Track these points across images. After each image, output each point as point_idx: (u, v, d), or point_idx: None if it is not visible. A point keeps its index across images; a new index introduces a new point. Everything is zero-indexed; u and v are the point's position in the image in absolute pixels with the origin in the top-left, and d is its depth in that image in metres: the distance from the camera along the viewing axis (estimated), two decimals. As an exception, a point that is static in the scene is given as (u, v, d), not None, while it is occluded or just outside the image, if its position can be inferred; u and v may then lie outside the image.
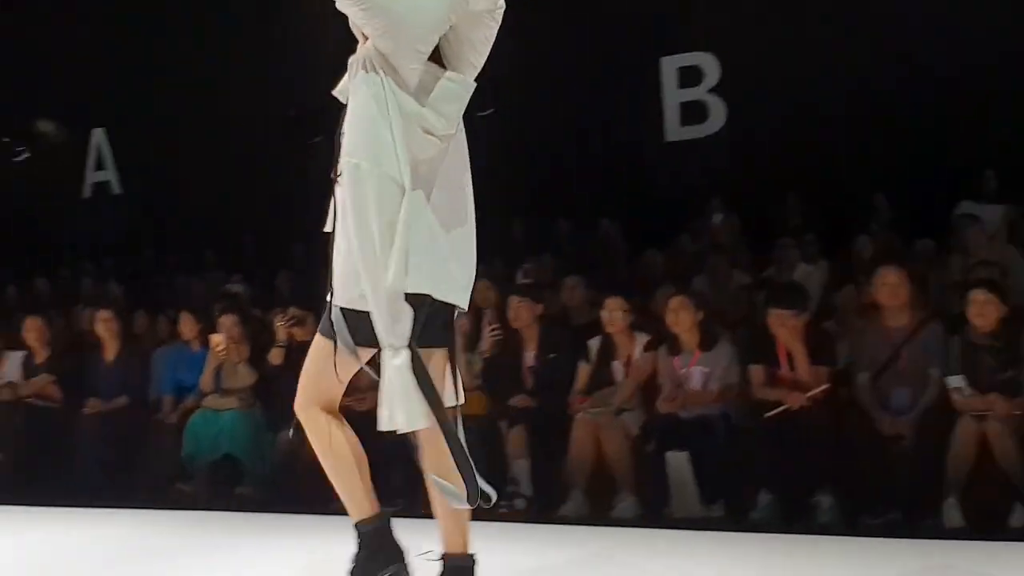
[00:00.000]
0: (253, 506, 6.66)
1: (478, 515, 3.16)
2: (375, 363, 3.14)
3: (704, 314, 6.38)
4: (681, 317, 6.32)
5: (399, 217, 3.05)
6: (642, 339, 6.56)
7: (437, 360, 3.19)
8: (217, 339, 7.34)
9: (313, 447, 3.31)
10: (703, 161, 10.39)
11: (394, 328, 3.05)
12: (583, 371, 6.63)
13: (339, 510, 3.40)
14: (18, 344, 8.10)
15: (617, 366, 6.57)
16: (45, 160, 13.69)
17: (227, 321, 7.39)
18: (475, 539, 3.21)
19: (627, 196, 10.24)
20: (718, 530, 5.62)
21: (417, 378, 3.04)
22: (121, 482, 7.33)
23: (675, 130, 10.62)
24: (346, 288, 3.15)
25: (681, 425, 6.13)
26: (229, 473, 7.15)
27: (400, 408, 3.04)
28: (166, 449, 7.37)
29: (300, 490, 6.35)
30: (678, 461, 6.08)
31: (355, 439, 3.30)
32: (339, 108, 3.25)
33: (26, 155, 13.88)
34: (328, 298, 3.22)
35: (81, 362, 8.02)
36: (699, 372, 6.28)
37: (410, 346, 3.05)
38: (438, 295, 3.11)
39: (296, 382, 3.33)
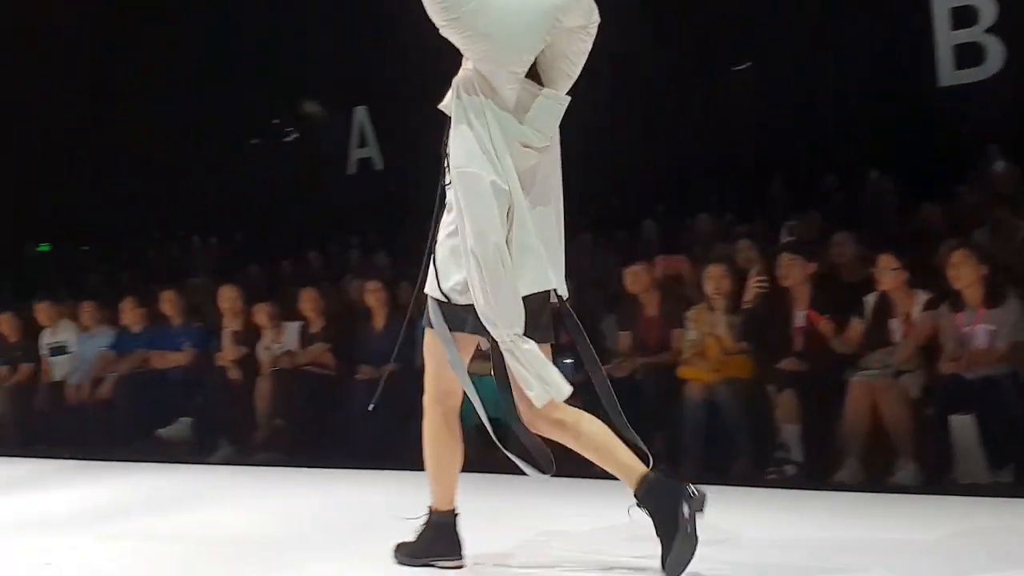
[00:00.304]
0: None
1: (744, 482, 3.08)
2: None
3: (989, 268, 5.94)
4: (963, 272, 5.90)
5: (510, 221, 3.38)
6: (922, 297, 6.16)
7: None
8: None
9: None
10: (980, 106, 9.66)
11: (515, 320, 3.37)
12: (855, 328, 6.30)
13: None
14: (295, 315, 8.45)
15: (895, 325, 6.20)
16: (312, 139, 14.33)
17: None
18: (742, 506, 3.11)
19: (898, 147, 9.65)
20: (1007, 497, 5.24)
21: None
22: (391, 445, 7.56)
23: (949, 74, 9.93)
24: (443, 279, 3.48)
25: (966, 386, 5.73)
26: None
27: (545, 382, 3.38)
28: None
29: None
30: (962, 424, 5.69)
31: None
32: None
33: (295, 135, 14.57)
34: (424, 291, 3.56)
35: (353, 331, 8.29)
36: (984, 330, 5.85)
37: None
38: (540, 288, 3.45)
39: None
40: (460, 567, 3.70)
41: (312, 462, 7.35)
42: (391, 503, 4.83)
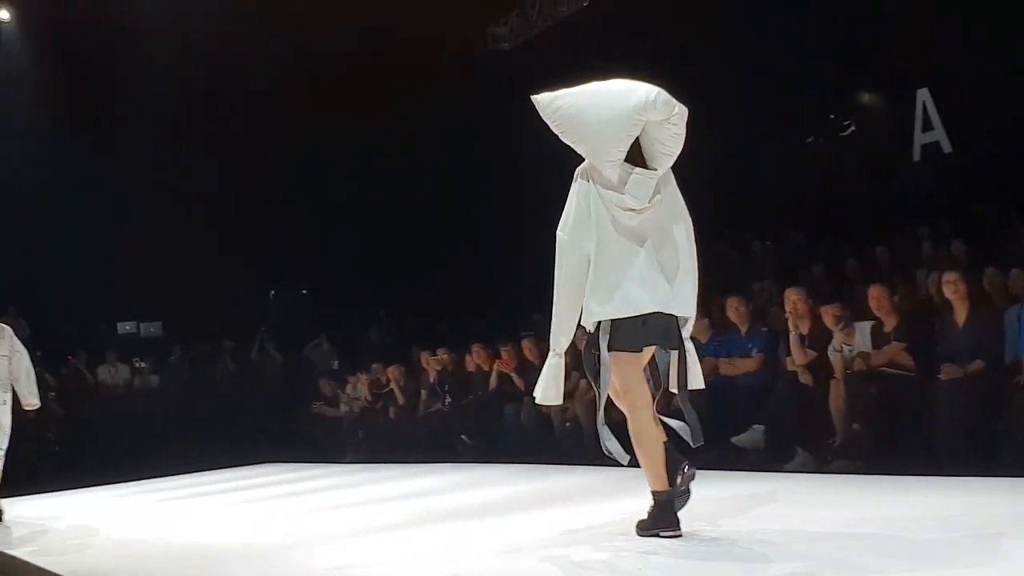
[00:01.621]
0: None
1: None
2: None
3: None
4: None
5: (577, 277, 4.77)
6: None
7: (645, 354, 4.90)
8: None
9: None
10: None
11: (558, 340, 4.93)
12: None
13: None
14: (865, 314, 8.04)
15: None
16: (870, 131, 13.72)
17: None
18: None
19: None
20: None
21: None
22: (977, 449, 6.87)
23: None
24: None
25: None
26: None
27: (541, 388, 5.06)
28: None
29: None
30: None
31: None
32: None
33: (852, 128, 14.04)
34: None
35: (931, 327, 7.70)
36: None
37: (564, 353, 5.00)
38: (627, 314, 4.71)
39: None
40: (679, 535, 4.76)
41: (891, 469, 6.85)
42: (971, 513, 4.30)
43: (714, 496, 6.41)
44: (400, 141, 16.23)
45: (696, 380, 5.08)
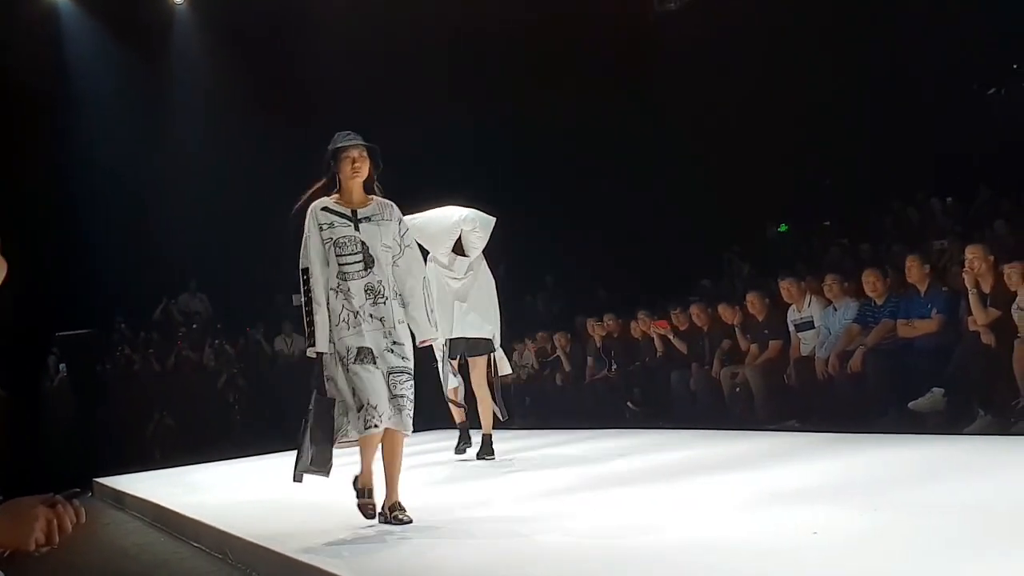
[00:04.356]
0: None
1: None
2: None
3: None
4: None
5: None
6: None
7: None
8: None
9: None
10: None
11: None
12: None
13: None
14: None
15: None
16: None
17: None
18: None
19: None
20: None
21: None
22: None
23: None
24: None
25: None
26: None
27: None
28: None
29: None
30: None
31: None
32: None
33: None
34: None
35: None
36: None
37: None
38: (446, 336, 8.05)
39: None
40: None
41: None
42: None
43: (892, 459, 6.24)
44: (566, 109, 16.13)
45: (504, 369, 8.70)
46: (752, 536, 4.41)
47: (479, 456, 8.51)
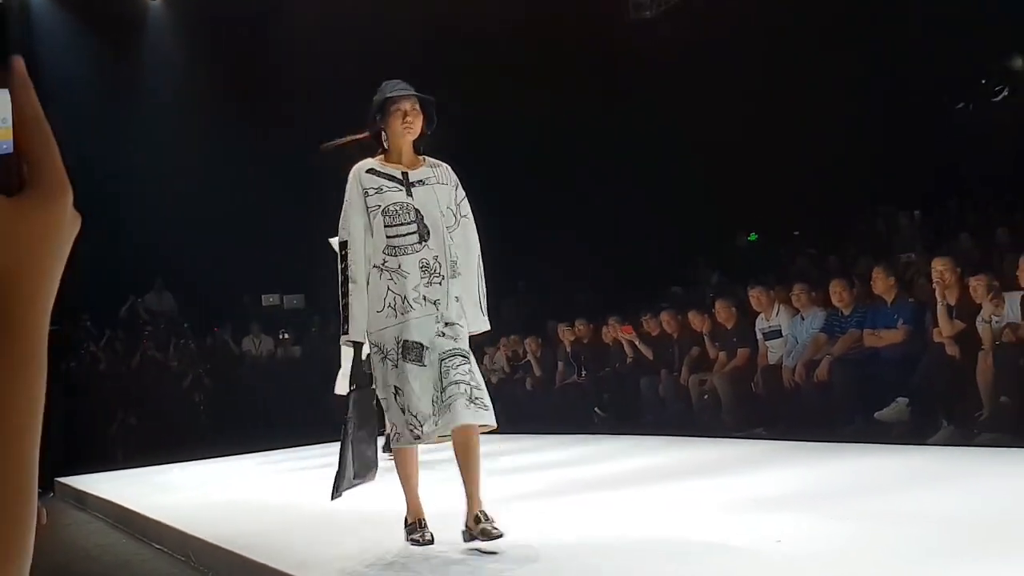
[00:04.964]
0: None
1: None
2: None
3: None
4: None
5: None
6: None
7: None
8: None
9: None
10: None
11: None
12: None
13: None
14: (1015, 285, 7.74)
15: None
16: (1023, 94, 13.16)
17: None
18: None
19: None
20: None
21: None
22: None
23: None
24: None
25: None
26: None
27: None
28: None
29: None
30: None
31: None
32: None
33: (1004, 93, 13.48)
34: None
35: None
36: None
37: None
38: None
39: None
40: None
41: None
42: None
43: (857, 468, 6.29)
44: (541, 112, 16.13)
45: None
46: (717, 543, 4.42)
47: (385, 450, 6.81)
